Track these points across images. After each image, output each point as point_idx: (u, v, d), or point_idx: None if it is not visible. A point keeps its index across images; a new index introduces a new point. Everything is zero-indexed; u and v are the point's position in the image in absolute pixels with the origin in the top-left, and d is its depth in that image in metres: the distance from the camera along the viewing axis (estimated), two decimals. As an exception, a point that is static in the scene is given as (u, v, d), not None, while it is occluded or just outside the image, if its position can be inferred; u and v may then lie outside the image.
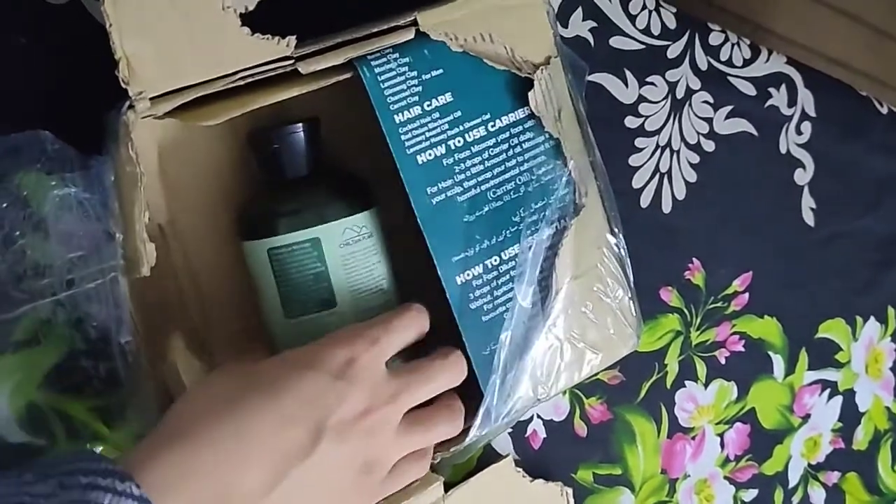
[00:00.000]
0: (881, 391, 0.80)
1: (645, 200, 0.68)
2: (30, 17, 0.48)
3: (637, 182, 0.67)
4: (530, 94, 0.50)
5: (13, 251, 0.43)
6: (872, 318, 0.79)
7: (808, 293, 0.76)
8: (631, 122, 0.66)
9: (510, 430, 0.63)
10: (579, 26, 0.63)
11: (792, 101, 0.73)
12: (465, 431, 0.49)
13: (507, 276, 0.50)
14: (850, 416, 0.79)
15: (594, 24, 0.64)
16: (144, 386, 0.47)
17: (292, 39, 0.44)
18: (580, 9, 0.63)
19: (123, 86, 0.41)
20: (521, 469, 0.61)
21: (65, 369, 0.48)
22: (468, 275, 0.48)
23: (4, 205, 0.43)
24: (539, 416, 0.65)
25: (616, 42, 0.65)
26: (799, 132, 0.73)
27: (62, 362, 0.48)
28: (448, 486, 0.55)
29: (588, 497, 0.67)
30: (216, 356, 0.50)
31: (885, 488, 0.81)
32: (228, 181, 0.52)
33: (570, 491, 0.62)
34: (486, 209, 0.49)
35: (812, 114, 0.74)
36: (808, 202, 0.75)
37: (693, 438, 0.72)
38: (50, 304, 0.45)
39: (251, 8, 0.44)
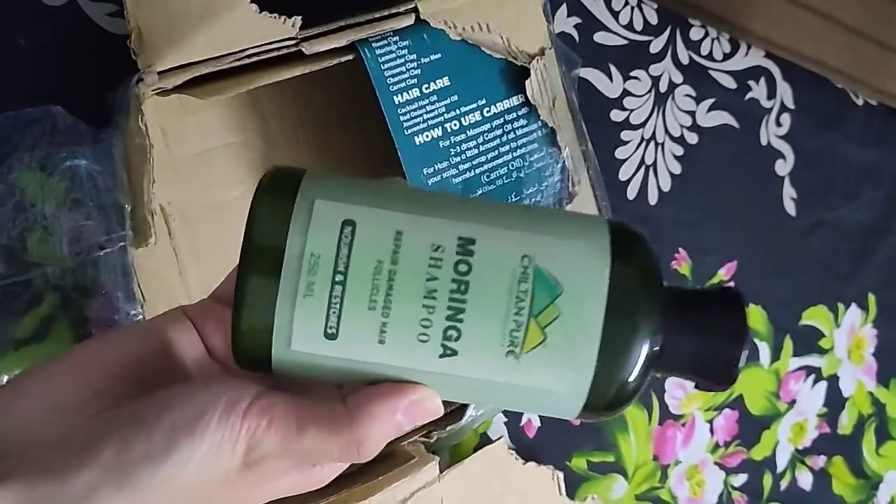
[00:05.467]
0: (864, 376, 0.82)
1: (632, 192, 0.69)
2: (30, 17, 0.49)
3: (623, 174, 0.69)
4: (527, 82, 0.51)
5: (25, 217, 0.44)
6: (854, 305, 0.81)
7: (792, 281, 0.77)
8: (616, 115, 0.68)
9: (505, 419, 0.64)
10: (564, 22, 0.65)
11: (771, 94, 0.75)
12: (462, 410, 0.50)
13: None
14: (835, 402, 0.81)
15: (578, 21, 0.65)
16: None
17: (297, 20, 0.45)
18: (565, 5, 0.64)
19: (133, 57, 0.43)
20: (513, 451, 0.62)
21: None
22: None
23: (15, 175, 0.44)
24: (533, 405, 0.66)
25: (600, 38, 0.67)
26: (779, 124, 0.75)
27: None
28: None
29: (582, 484, 0.68)
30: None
31: (870, 471, 0.83)
32: (229, 163, 0.53)
33: (560, 474, 0.63)
34: (480, 192, 0.50)
35: (791, 106, 0.76)
36: (789, 192, 0.76)
37: (683, 425, 0.73)
38: (59, 270, 0.46)
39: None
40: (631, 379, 0.27)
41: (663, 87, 0.70)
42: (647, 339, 0.27)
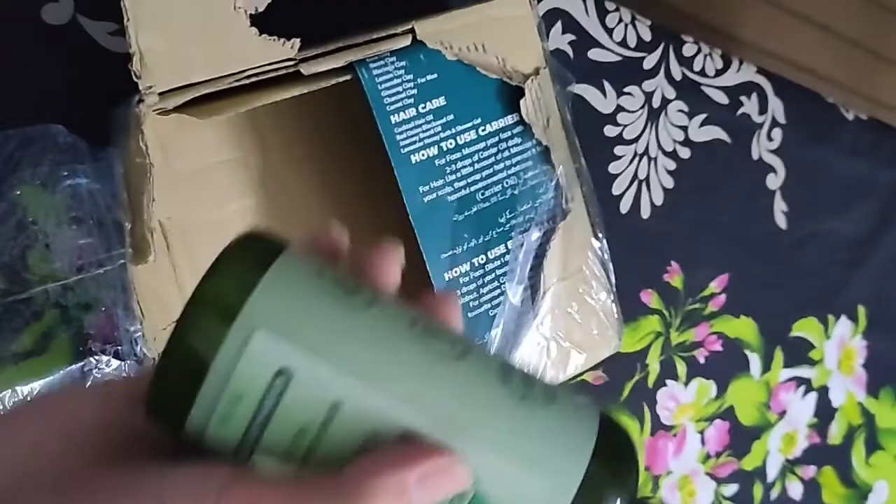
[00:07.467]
0: (853, 387, 0.83)
1: (624, 206, 0.70)
2: (31, 35, 0.50)
3: (617, 189, 0.70)
4: (521, 102, 0.52)
5: (26, 235, 0.45)
6: (844, 317, 0.82)
7: (782, 293, 0.78)
8: (610, 130, 0.69)
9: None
10: (559, 39, 0.65)
11: (763, 109, 0.76)
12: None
13: (493, 275, 0.52)
14: (825, 412, 0.82)
15: (573, 38, 0.66)
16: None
17: (296, 42, 0.46)
18: (560, 22, 0.65)
19: (135, 79, 0.43)
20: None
21: (66, 378, 0.49)
22: (455, 272, 0.51)
23: (18, 192, 0.44)
24: (526, 416, 0.66)
25: (594, 54, 0.67)
26: (770, 138, 0.76)
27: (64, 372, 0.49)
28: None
29: (575, 494, 0.69)
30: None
31: (859, 481, 0.83)
32: (228, 179, 0.54)
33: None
34: (475, 209, 0.51)
35: (782, 121, 0.77)
36: (780, 206, 0.77)
37: (675, 436, 0.74)
38: (60, 287, 0.46)
39: (261, 9, 0.46)
40: None
41: (656, 103, 0.71)
42: None
